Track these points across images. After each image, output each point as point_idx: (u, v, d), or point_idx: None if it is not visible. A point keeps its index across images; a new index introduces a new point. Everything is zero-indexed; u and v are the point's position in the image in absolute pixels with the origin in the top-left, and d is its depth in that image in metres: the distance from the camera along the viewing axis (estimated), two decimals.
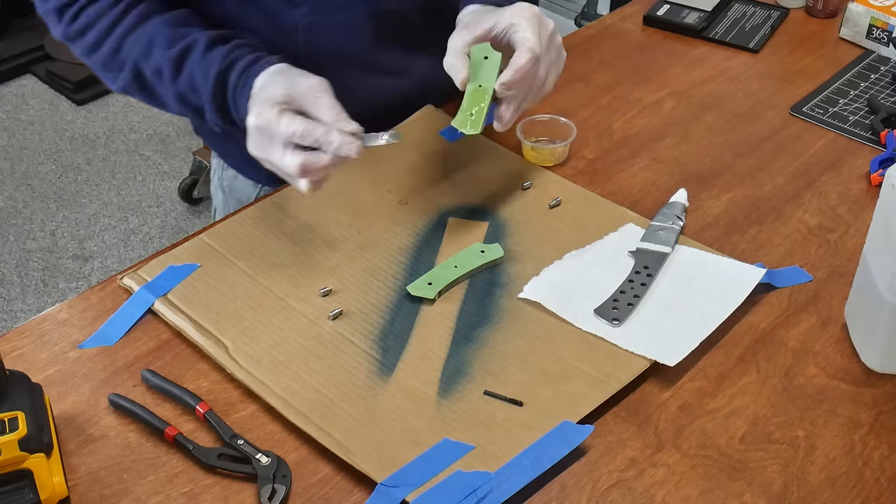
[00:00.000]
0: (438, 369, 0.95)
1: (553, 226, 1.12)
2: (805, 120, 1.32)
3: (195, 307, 1.01)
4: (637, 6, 1.58)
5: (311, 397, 0.92)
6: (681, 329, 0.98)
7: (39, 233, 2.73)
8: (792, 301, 1.04)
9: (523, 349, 0.97)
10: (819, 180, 1.21)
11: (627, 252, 1.08)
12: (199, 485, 0.86)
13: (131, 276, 1.05)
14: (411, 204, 1.15)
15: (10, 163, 2.98)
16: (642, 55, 1.46)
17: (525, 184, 1.18)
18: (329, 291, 1.03)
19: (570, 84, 1.38)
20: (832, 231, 1.13)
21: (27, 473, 0.81)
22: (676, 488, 0.85)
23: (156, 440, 0.90)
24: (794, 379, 0.96)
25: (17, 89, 3.29)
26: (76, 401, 0.93)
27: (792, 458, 0.88)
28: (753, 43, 1.48)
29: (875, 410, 0.92)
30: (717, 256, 1.07)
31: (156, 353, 0.98)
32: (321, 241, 1.10)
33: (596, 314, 1.00)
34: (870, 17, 1.44)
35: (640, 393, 0.94)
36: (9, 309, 2.50)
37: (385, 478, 0.84)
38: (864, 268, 0.97)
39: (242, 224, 1.12)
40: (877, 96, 1.35)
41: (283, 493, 0.84)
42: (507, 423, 0.90)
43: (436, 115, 1.29)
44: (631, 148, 1.26)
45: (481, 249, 1.07)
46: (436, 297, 1.02)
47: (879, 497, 0.85)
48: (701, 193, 1.18)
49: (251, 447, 0.88)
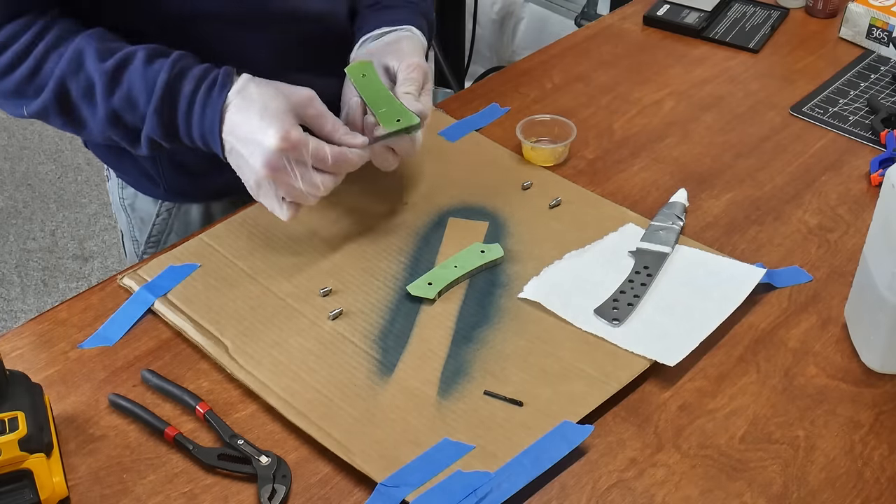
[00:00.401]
0: (438, 369, 0.95)
1: (553, 226, 1.12)
2: (805, 120, 1.32)
3: (195, 307, 1.01)
4: (637, 6, 1.58)
5: (311, 397, 0.92)
6: (681, 329, 0.98)
7: (39, 233, 2.73)
8: (792, 301, 1.04)
9: (523, 349, 0.97)
10: (819, 180, 1.21)
11: (627, 252, 1.08)
12: (199, 485, 0.86)
13: (131, 276, 1.05)
14: (411, 204, 1.15)
15: (10, 163, 2.98)
16: (642, 55, 1.46)
17: (525, 184, 1.18)
18: (329, 291, 1.03)
19: (570, 84, 1.38)
20: (832, 231, 1.13)
21: (27, 473, 0.81)
22: (676, 488, 0.85)
23: (156, 440, 0.90)
24: (794, 379, 0.96)
25: None
26: (76, 401, 0.93)
27: (792, 458, 0.88)
28: (753, 43, 1.48)
29: (875, 410, 0.92)
30: (717, 256, 1.07)
31: (156, 353, 0.98)
32: (321, 241, 1.10)
33: (596, 314, 1.00)
34: (870, 17, 1.44)
35: (640, 393, 0.94)
36: (9, 309, 2.50)
37: (385, 478, 0.84)
38: (864, 268, 0.97)
39: (242, 224, 1.12)
40: (877, 96, 1.35)
41: (283, 493, 0.84)
42: (507, 423, 0.90)
43: (436, 115, 1.29)
44: (631, 148, 1.26)
45: (481, 249, 1.07)
46: (436, 297, 1.02)
47: (879, 497, 0.85)
48: (701, 193, 1.18)
49: (251, 447, 0.88)
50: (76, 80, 1.02)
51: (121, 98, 1.01)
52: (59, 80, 1.02)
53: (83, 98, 1.02)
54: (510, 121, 1.28)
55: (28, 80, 1.02)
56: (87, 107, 1.03)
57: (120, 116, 1.03)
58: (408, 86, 1.07)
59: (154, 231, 1.31)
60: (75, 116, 1.04)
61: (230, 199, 1.27)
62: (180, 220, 1.30)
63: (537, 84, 1.38)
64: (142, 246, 1.32)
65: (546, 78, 1.40)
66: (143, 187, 1.28)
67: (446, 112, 1.30)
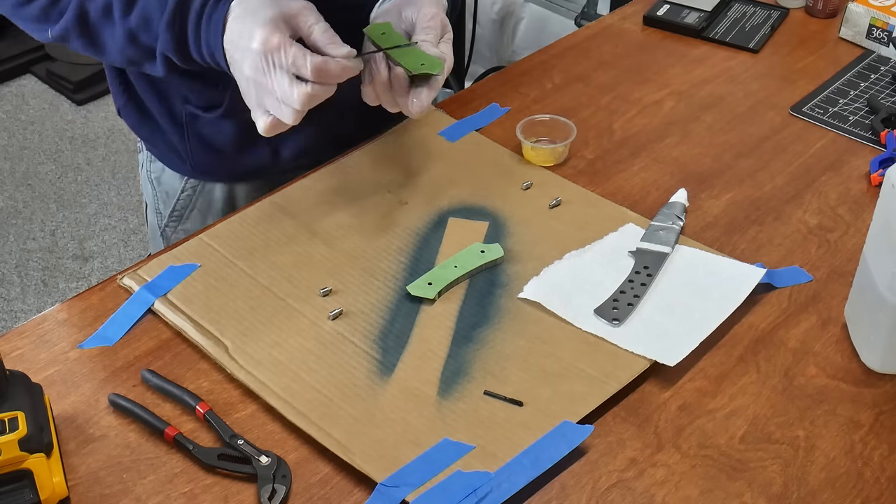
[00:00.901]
0: (438, 369, 0.95)
1: (553, 226, 1.12)
2: (805, 120, 1.32)
3: (195, 307, 1.01)
4: (637, 6, 1.58)
5: (310, 397, 0.92)
6: (681, 329, 0.98)
7: (39, 233, 2.73)
8: (792, 301, 1.04)
9: (523, 349, 0.97)
10: (819, 180, 1.21)
11: (627, 252, 1.08)
12: (199, 485, 0.86)
13: (131, 276, 1.05)
14: (411, 204, 1.15)
15: (10, 163, 2.98)
16: (642, 55, 1.46)
17: (525, 184, 1.18)
18: (329, 291, 1.03)
19: (570, 84, 1.38)
20: (832, 231, 1.13)
21: (27, 473, 0.81)
22: (676, 488, 0.85)
23: (156, 440, 0.90)
24: (794, 379, 0.96)
25: (17, 89, 3.29)
26: (76, 401, 0.93)
27: (792, 458, 0.88)
28: (753, 43, 1.48)
29: (875, 410, 0.92)
30: (717, 256, 1.07)
31: (156, 353, 0.98)
32: (321, 241, 1.10)
33: (596, 314, 1.00)
34: (870, 17, 1.44)
35: (640, 393, 0.94)
36: (9, 309, 2.50)
37: (385, 478, 0.84)
38: (864, 268, 0.97)
39: (242, 224, 1.12)
40: (877, 96, 1.35)
41: (283, 493, 0.84)
42: (507, 423, 0.90)
43: (436, 115, 1.29)
44: (631, 148, 1.26)
45: (481, 249, 1.07)
46: (436, 296, 1.02)
47: (879, 497, 0.85)
48: (701, 193, 1.18)
49: (251, 447, 0.88)
50: (94, 2, 1.06)
51: (137, 17, 1.05)
52: (79, 3, 1.06)
53: (102, 19, 1.07)
54: (510, 121, 1.28)
55: (52, 5, 1.07)
56: (105, 28, 1.07)
57: (137, 36, 1.06)
58: (425, 34, 1.07)
59: (178, 206, 1.35)
60: (95, 38, 1.09)
61: (255, 182, 1.31)
62: (204, 198, 1.33)
63: (537, 84, 1.38)
64: (165, 219, 1.36)
65: (546, 78, 1.40)
66: (170, 162, 1.32)
67: (446, 112, 1.30)
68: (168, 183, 1.35)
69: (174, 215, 1.36)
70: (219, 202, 1.33)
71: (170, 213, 1.36)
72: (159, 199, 1.36)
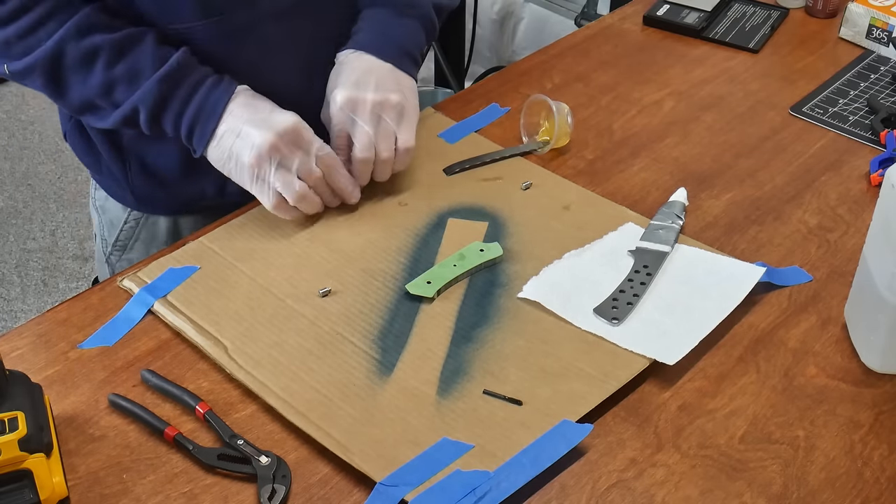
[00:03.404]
0: (438, 369, 0.95)
1: (553, 226, 1.12)
2: (805, 120, 1.32)
3: (195, 308, 1.01)
4: (637, 6, 1.58)
5: (310, 397, 0.92)
6: (680, 328, 0.98)
7: (39, 233, 2.73)
8: (792, 301, 1.04)
9: (523, 349, 0.97)
10: (819, 180, 1.21)
11: (627, 251, 1.08)
12: (199, 485, 0.86)
13: (131, 279, 1.05)
14: (411, 205, 1.15)
15: (10, 163, 2.98)
16: (642, 55, 1.46)
17: (525, 184, 1.18)
18: (328, 292, 1.03)
19: (570, 84, 1.39)
20: (832, 231, 1.13)
21: (27, 473, 0.81)
22: (676, 488, 0.85)
23: (156, 440, 0.90)
24: (794, 379, 0.96)
25: (17, 89, 3.29)
26: (76, 401, 0.93)
27: (792, 458, 0.88)
28: (753, 43, 1.48)
29: (875, 410, 0.92)
30: (717, 255, 1.07)
31: (156, 353, 0.98)
32: (321, 242, 1.10)
33: (595, 313, 1.00)
34: (870, 17, 1.44)
35: (640, 393, 0.94)
36: (9, 309, 2.50)
37: (384, 477, 0.84)
38: (863, 268, 0.97)
39: (242, 226, 1.12)
40: (877, 96, 1.35)
41: (282, 493, 0.84)
42: (506, 422, 0.90)
43: (435, 116, 1.29)
44: (631, 148, 1.26)
45: (480, 248, 1.07)
46: (435, 295, 1.02)
47: (879, 497, 0.85)
48: (701, 193, 1.18)
49: (251, 447, 0.88)
50: (76, 47, 1.03)
51: (124, 68, 1.04)
52: (57, 43, 1.03)
53: (79, 64, 1.04)
54: (510, 121, 1.28)
55: (20, 38, 1.03)
56: (79, 73, 1.05)
57: (114, 87, 1.05)
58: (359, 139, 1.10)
59: (121, 237, 1.30)
60: (60, 80, 1.06)
61: (198, 216, 1.26)
62: (147, 231, 1.29)
63: (537, 84, 1.38)
64: (109, 247, 1.32)
65: (546, 78, 1.40)
66: (112, 192, 1.28)
67: (445, 113, 1.30)
68: (112, 212, 1.30)
69: (118, 245, 1.31)
70: (163, 234, 1.29)
71: (113, 243, 1.31)
72: (104, 227, 1.32)
